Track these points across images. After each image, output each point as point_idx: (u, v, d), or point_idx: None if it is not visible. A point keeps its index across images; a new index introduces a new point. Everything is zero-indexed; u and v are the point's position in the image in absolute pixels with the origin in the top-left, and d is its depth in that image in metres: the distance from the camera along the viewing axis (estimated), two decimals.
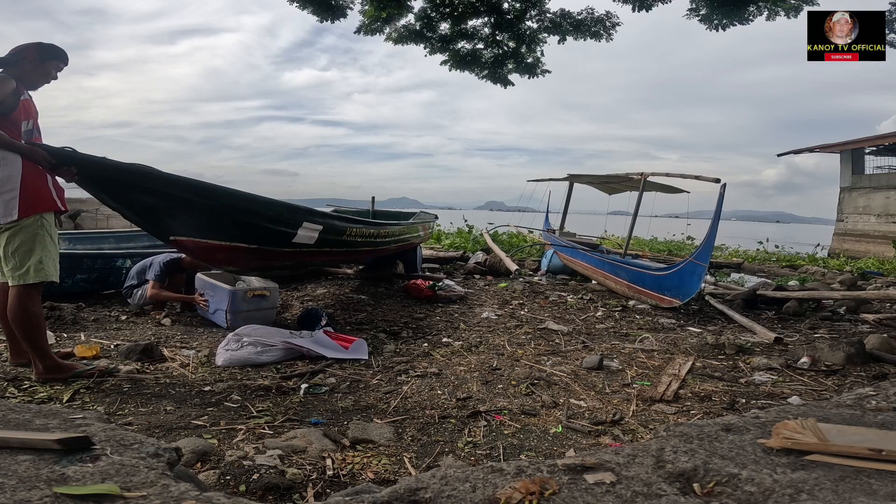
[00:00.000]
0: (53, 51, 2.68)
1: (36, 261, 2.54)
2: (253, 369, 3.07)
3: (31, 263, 2.54)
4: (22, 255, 2.53)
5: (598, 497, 1.11)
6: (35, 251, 2.54)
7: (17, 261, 2.53)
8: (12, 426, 1.41)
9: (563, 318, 4.90)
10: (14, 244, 2.53)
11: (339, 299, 5.36)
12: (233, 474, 1.78)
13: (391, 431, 2.26)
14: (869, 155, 17.65)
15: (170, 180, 3.23)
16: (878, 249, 14.86)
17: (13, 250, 2.53)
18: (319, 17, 8.94)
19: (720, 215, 5.05)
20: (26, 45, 2.62)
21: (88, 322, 3.96)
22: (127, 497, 1.06)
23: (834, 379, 3.25)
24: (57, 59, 2.71)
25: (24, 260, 2.53)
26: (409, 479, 1.20)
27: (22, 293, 2.55)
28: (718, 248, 13.21)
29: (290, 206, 3.96)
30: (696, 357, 3.66)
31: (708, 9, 8.18)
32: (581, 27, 9.22)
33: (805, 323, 4.99)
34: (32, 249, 2.54)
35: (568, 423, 2.44)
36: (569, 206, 9.58)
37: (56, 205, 2.64)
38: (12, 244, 2.53)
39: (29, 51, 2.61)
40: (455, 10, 8.96)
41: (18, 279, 2.54)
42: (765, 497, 1.10)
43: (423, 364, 3.31)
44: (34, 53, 2.62)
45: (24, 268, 2.53)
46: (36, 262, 2.54)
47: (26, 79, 2.63)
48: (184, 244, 3.60)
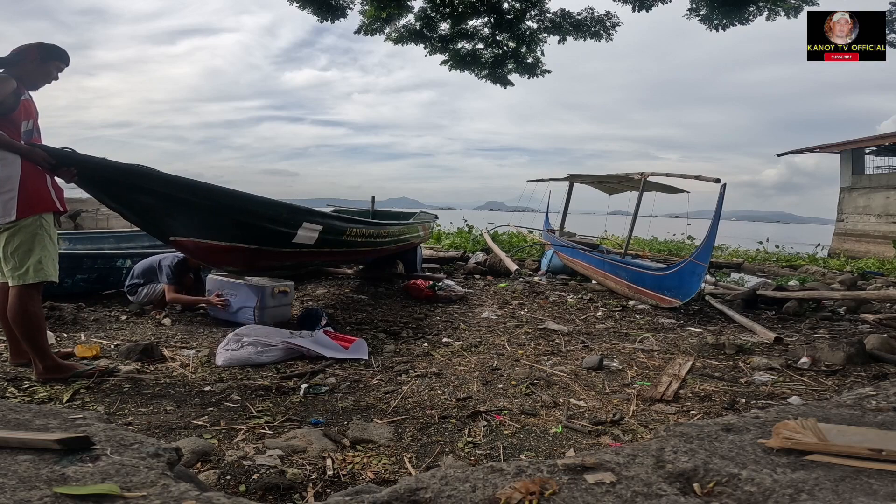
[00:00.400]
0: (55, 51, 2.68)
1: (35, 261, 2.54)
2: (253, 369, 3.07)
3: (31, 263, 2.54)
4: (21, 256, 2.53)
5: (598, 497, 1.11)
6: (34, 251, 2.55)
7: (17, 261, 2.53)
8: (12, 426, 1.41)
9: (563, 318, 4.90)
10: (13, 244, 2.53)
11: (339, 299, 5.36)
12: (233, 474, 1.78)
13: (391, 431, 2.26)
14: (869, 155, 17.65)
15: (169, 181, 3.23)
16: (878, 249, 14.86)
17: (12, 250, 2.53)
18: (319, 17, 8.94)
19: (720, 215, 5.05)
20: (28, 45, 2.62)
21: (88, 322, 3.96)
22: (127, 497, 1.06)
23: (834, 379, 3.25)
24: (58, 59, 2.71)
25: (23, 260, 2.53)
26: (409, 479, 1.20)
27: (22, 293, 2.55)
28: (718, 248, 13.21)
29: (290, 207, 3.96)
30: (696, 357, 3.66)
31: (708, 9, 8.18)
32: (581, 27, 9.22)
33: (805, 323, 4.99)
34: (32, 250, 2.54)
35: (568, 423, 2.44)
36: (569, 206, 9.58)
37: (55, 205, 2.64)
38: (11, 244, 2.53)
39: (31, 51, 2.61)
40: (455, 10, 8.96)
41: (18, 279, 2.54)
42: (765, 497, 1.10)
43: (423, 364, 3.31)
44: (36, 53, 2.62)
45: (24, 268, 2.53)
46: (35, 262, 2.54)
47: (27, 79, 2.63)
48: (184, 245, 3.60)
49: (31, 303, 2.58)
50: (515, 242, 10.82)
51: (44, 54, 2.64)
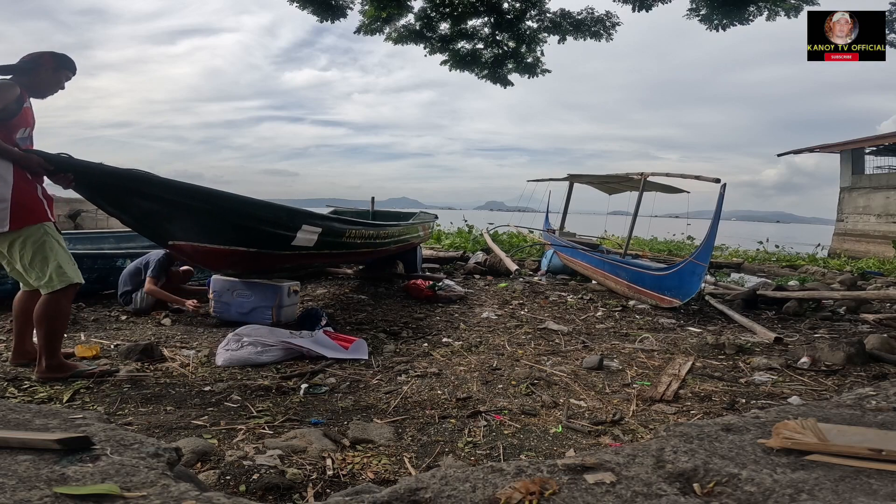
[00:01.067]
0: (66, 60, 2.73)
1: (55, 267, 2.59)
2: (253, 369, 3.07)
3: (51, 271, 2.59)
4: (40, 265, 2.59)
5: (598, 497, 1.11)
6: (49, 259, 2.59)
7: (38, 271, 2.59)
8: (12, 426, 1.41)
9: (563, 318, 4.90)
10: (27, 256, 2.58)
11: (339, 299, 5.36)
12: (233, 474, 1.78)
13: (391, 431, 2.26)
14: (869, 155, 17.66)
15: (168, 185, 3.22)
16: (878, 249, 14.86)
17: (29, 262, 2.58)
18: (319, 17, 8.94)
19: (720, 215, 5.05)
20: (41, 53, 2.65)
21: (88, 322, 3.96)
22: (127, 497, 1.06)
23: (834, 379, 3.25)
24: (68, 68, 2.76)
25: (43, 269, 2.59)
26: (409, 479, 1.20)
27: (51, 299, 2.61)
28: (718, 248, 13.21)
29: (289, 210, 3.96)
30: (696, 357, 3.66)
31: (708, 9, 8.18)
32: (581, 27, 9.23)
33: (805, 323, 4.99)
34: (46, 258, 2.59)
35: (568, 423, 2.44)
36: (569, 206, 9.58)
37: (47, 216, 2.65)
38: (25, 257, 2.58)
39: (45, 58, 2.65)
40: (455, 10, 8.96)
41: (46, 287, 2.60)
42: (765, 497, 1.10)
43: (423, 364, 3.31)
44: (50, 62, 2.66)
45: (47, 276, 2.59)
46: (55, 268, 2.59)
47: (38, 87, 2.66)
48: (183, 249, 3.59)
49: (60, 307, 2.64)
50: (515, 242, 10.82)
51: (57, 63, 2.68)
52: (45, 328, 2.63)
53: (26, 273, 2.63)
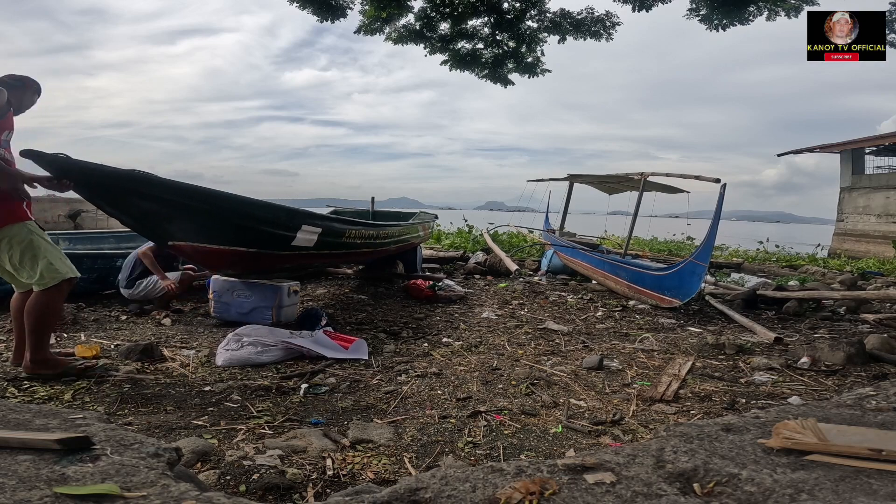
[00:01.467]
0: (38, 86, 2.89)
1: (45, 265, 2.61)
2: (253, 369, 3.07)
3: (42, 268, 2.61)
4: (30, 263, 2.62)
5: (598, 497, 1.11)
6: (38, 256, 2.62)
7: (29, 269, 2.62)
8: (12, 426, 1.41)
9: (563, 318, 4.90)
10: (17, 256, 2.61)
11: (339, 299, 5.36)
12: (233, 474, 1.78)
13: (391, 431, 2.26)
14: (869, 155, 17.65)
15: (168, 185, 3.22)
16: (878, 249, 14.86)
17: (18, 261, 2.62)
18: (319, 17, 8.94)
19: (720, 215, 5.05)
20: (25, 77, 2.83)
21: (88, 322, 3.96)
22: (127, 497, 1.06)
23: (834, 379, 3.25)
24: (39, 94, 2.91)
25: (34, 267, 2.61)
26: (409, 479, 1.20)
27: (43, 296, 2.63)
28: (718, 248, 13.21)
29: (289, 210, 3.96)
30: (696, 357, 3.66)
31: (708, 9, 8.17)
32: (581, 27, 9.22)
33: (805, 323, 4.99)
34: (35, 255, 2.62)
35: (568, 423, 2.44)
36: (569, 206, 9.58)
37: (27, 215, 2.69)
38: (14, 256, 2.61)
39: (28, 82, 2.83)
40: (455, 10, 8.95)
41: (39, 285, 2.62)
42: (765, 497, 1.10)
43: (423, 364, 3.31)
44: (32, 85, 2.84)
45: (38, 274, 2.61)
46: (45, 265, 2.61)
47: (19, 102, 2.79)
48: (183, 249, 3.59)
49: (51, 303, 2.66)
50: (515, 242, 10.82)
51: (35, 87, 2.86)
52: (33, 323, 2.64)
53: (17, 272, 2.66)
